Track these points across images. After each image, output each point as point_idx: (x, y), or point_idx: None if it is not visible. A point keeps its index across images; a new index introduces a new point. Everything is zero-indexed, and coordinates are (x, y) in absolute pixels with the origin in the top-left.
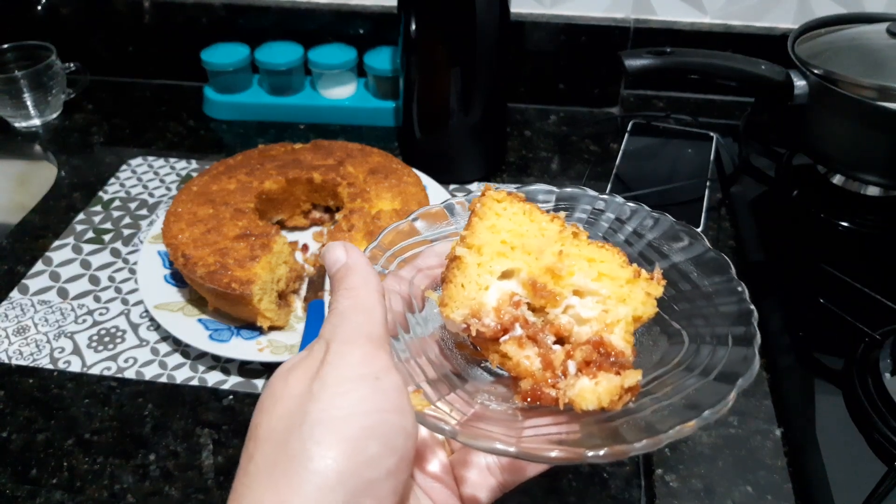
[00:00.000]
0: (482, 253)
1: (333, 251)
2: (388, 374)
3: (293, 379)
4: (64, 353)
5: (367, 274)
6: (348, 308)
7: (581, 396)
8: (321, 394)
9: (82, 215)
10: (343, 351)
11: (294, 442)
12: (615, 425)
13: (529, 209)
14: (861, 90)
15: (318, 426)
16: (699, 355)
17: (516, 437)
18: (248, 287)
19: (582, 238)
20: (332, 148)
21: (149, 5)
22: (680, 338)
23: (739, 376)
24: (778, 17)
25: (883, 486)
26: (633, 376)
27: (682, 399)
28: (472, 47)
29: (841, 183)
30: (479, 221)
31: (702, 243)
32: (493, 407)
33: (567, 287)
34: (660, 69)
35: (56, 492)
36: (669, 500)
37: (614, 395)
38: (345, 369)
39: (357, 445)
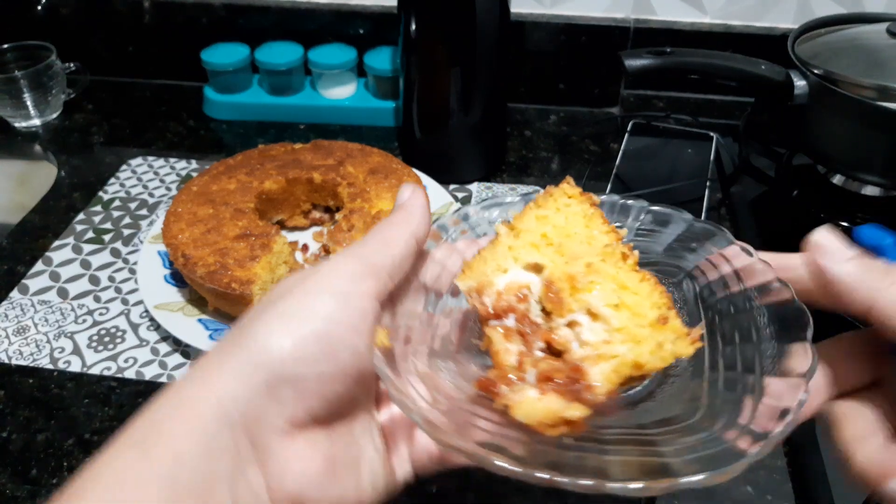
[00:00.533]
0: (519, 237)
1: (405, 189)
2: (361, 298)
3: (291, 277)
4: (64, 353)
5: (411, 216)
6: (374, 232)
7: (518, 405)
8: (295, 293)
9: (82, 215)
10: (337, 265)
11: (255, 324)
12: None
13: (592, 214)
14: (861, 90)
15: (276, 317)
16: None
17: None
18: (248, 287)
19: (629, 262)
20: (332, 148)
21: (149, 5)
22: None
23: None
24: (778, 17)
25: None
26: (578, 410)
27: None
28: (472, 47)
29: (841, 183)
30: (535, 208)
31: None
32: (445, 376)
33: (580, 302)
34: (660, 69)
35: (56, 492)
36: (669, 500)
37: (549, 419)
38: (325, 279)
39: (300, 342)
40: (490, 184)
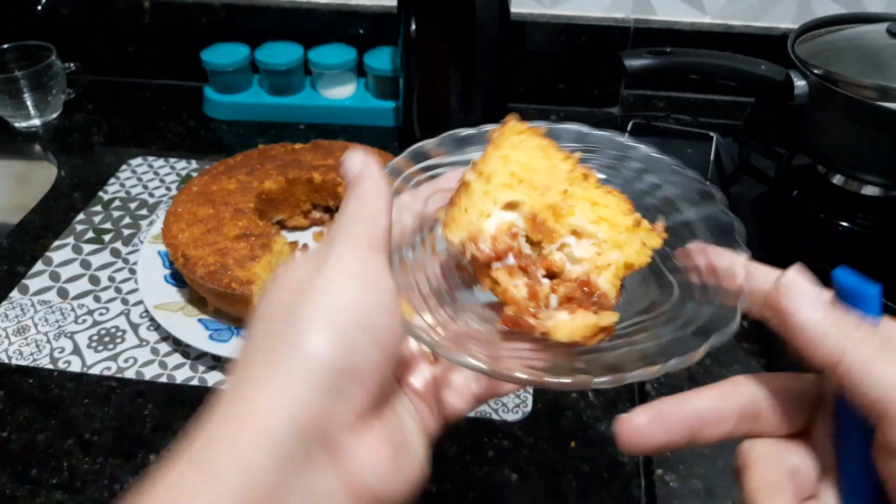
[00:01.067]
0: (490, 181)
1: (352, 157)
2: (383, 277)
3: (296, 270)
4: (64, 353)
5: (377, 182)
6: (354, 211)
7: (556, 328)
8: (319, 285)
9: (82, 215)
10: (344, 251)
11: (290, 326)
12: (585, 359)
13: (546, 145)
14: (861, 90)
15: (313, 314)
16: (683, 309)
17: (491, 356)
18: (248, 287)
19: (590, 181)
20: (332, 148)
21: (149, 5)
22: (671, 290)
23: (713, 333)
24: (778, 17)
25: None
26: (610, 317)
27: (654, 346)
28: (472, 47)
29: (841, 183)
30: (494, 150)
31: (717, 204)
32: (475, 326)
33: (566, 226)
34: (660, 69)
35: (56, 492)
36: (669, 500)
37: (588, 331)
38: (343, 267)
39: (346, 335)
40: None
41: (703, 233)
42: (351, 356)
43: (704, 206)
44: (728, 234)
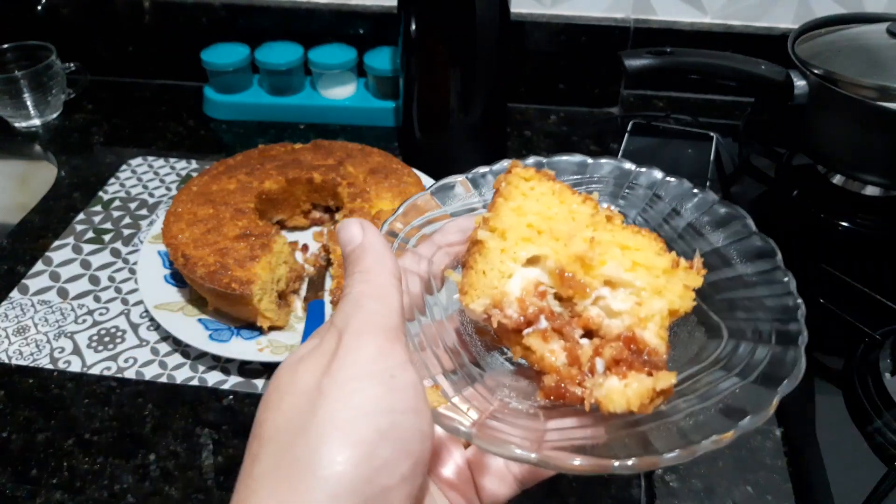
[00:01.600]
0: (506, 237)
1: (349, 228)
2: (404, 370)
3: (302, 372)
4: (64, 353)
5: (383, 256)
6: (362, 294)
7: (609, 398)
8: (331, 392)
9: (82, 215)
10: (356, 344)
11: (302, 444)
12: (644, 430)
13: (560, 189)
14: (861, 90)
15: (328, 428)
16: (738, 353)
17: (537, 440)
18: (248, 287)
19: (616, 222)
20: (332, 148)
21: (149, 5)
22: (719, 332)
23: (782, 380)
24: (778, 17)
25: (883, 486)
26: (667, 378)
27: (717, 403)
28: (472, 47)
29: (841, 183)
30: (504, 202)
31: (745, 225)
32: (514, 405)
33: (598, 277)
34: (660, 69)
35: (56, 492)
36: (669, 500)
37: (645, 397)
38: (357, 365)
39: (370, 450)
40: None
41: (737, 260)
42: (377, 475)
43: (732, 229)
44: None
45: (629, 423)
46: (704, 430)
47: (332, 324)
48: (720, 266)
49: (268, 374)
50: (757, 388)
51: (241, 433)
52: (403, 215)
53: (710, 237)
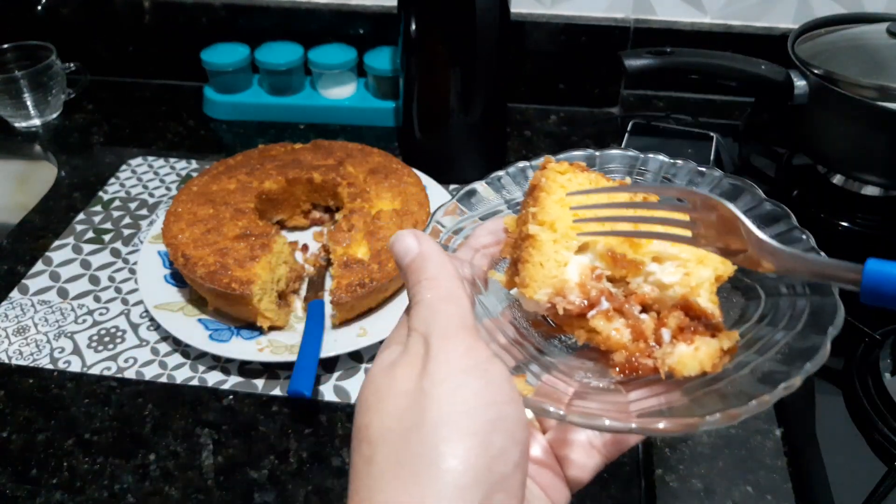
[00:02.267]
0: (556, 229)
1: (404, 240)
2: (494, 363)
3: (399, 376)
4: (64, 353)
5: (444, 261)
6: (435, 299)
7: (682, 363)
8: (435, 390)
9: (82, 215)
10: (444, 345)
11: (418, 441)
12: (717, 388)
13: (595, 178)
14: (861, 90)
15: (441, 424)
16: (779, 308)
17: (625, 411)
18: (248, 287)
19: (652, 200)
20: (332, 148)
21: (149, 5)
22: (755, 292)
23: (828, 324)
24: (778, 17)
25: (883, 486)
26: (731, 337)
27: (776, 354)
28: (472, 47)
29: (841, 183)
30: (547, 196)
31: (755, 194)
32: (594, 384)
33: (646, 254)
34: (660, 69)
35: (56, 492)
36: (669, 500)
37: (715, 358)
38: (452, 363)
39: (484, 440)
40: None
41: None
42: (494, 463)
43: (744, 199)
44: (780, 220)
45: (702, 383)
46: (773, 379)
47: (413, 329)
48: None
49: (268, 373)
50: (807, 336)
51: (240, 433)
52: (435, 224)
53: None
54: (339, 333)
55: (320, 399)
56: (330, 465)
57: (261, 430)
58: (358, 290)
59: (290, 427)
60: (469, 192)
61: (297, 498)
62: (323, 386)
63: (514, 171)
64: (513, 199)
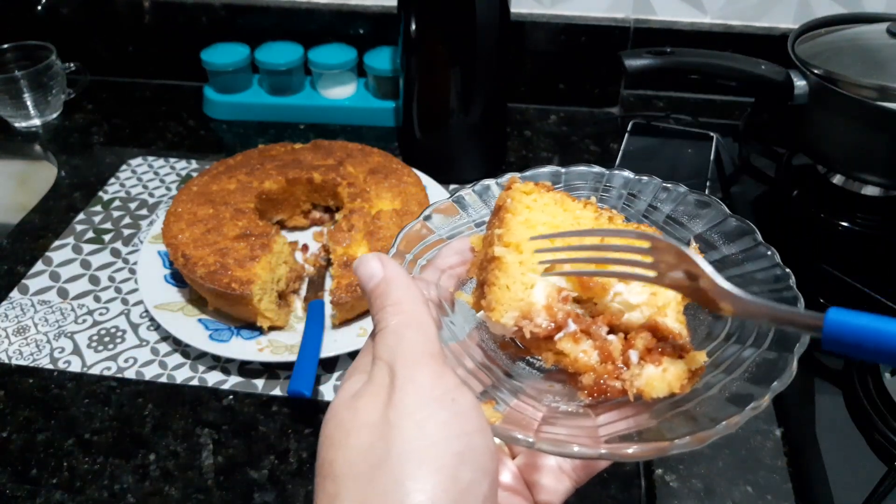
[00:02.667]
0: (521, 250)
1: (368, 264)
2: (461, 392)
3: (362, 408)
4: (64, 353)
5: (409, 286)
6: (400, 325)
7: (650, 385)
8: (401, 423)
9: (82, 215)
10: (410, 374)
11: (383, 477)
12: (687, 409)
13: (560, 198)
14: (861, 90)
15: (407, 458)
16: (746, 327)
17: (593, 436)
18: (248, 287)
19: (617, 222)
20: (332, 148)
21: (149, 5)
22: None
23: (794, 342)
24: (778, 17)
25: (883, 486)
26: (699, 358)
27: (744, 373)
28: (472, 47)
29: (841, 183)
30: (513, 217)
31: (720, 209)
32: (563, 408)
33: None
34: (660, 69)
35: (56, 492)
36: (669, 500)
37: (683, 379)
38: (418, 393)
39: (452, 474)
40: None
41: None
42: (462, 497)
43: (708, 215)
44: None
45: (671, 405)
46: (741, 399)
47: (377, 357)
48: (706, 249)
49: (268, 373)
50: (774, 354)
51: (240, 433)
52: (404, 244)
53: (690, 225)
54: (339, 333)
55: (320, 399)
56: None
57: (261, 430)
58: (358, 290)
59: (290, 427)
60: (436, 209)
61: (297, 498)
62: (323, 386)
63: (479, 188)
64: (479, 219)
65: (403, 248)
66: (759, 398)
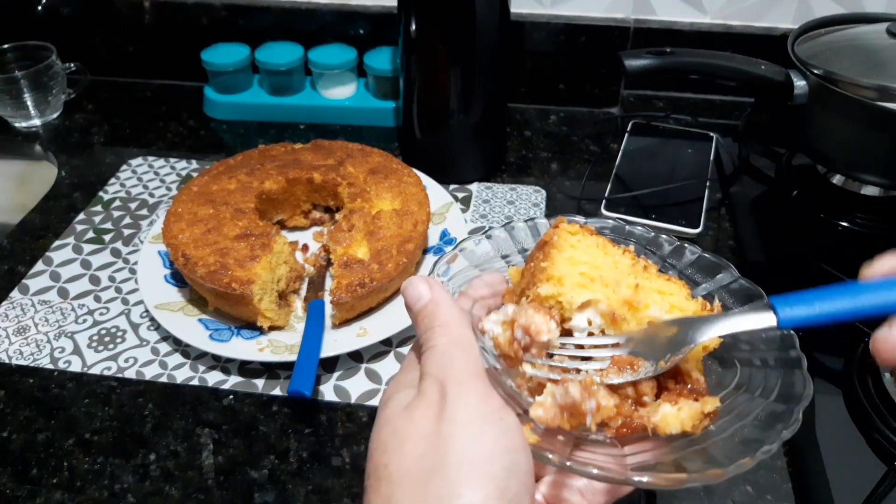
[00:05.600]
0: (563, 283)
1: (416, 287)
2: (507, 412)
3: (418, 418)
4: (64, 353)
5: (455, 309)
6: (449, 345)
7: (665, 421)
8: (455, 434)
9: (82, 215)
10: (460, 391)
11: (438, 483)
12: (705, 448)
13: (603, 242)
14: (861, 90)
15: (461, 467)
16: (754, 378)
17: (620, 464)
18: (248, 287)
19: (652, 271)
20: (332, 148)
21: (149, 5)
22: (731, 363)
23: (800, 396)
24: (778, 17)
25: (883, 486)
26: (713, 402)
27: (753, 420)
28: (472, 47)
29: (841, 183)
30: (558, 253)
31: (731, 272)
32: (591, 437)
33: (643, 319)
34: (660, 69)
35: (56, 492)
36: (669, 500)
37: (696, 419)
38: (469, 410)
39: (501, 485)
40: (490, 184)
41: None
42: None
43: (721, 276)
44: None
45: (689, 443)
46: (752, 443)
47: (427, 374)
48: None
49: (268, 373)
50: (780, 405)
51: (240, 433)
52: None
53: (703, 283)
54: (339, 333)
55: (320, 399)
56: (330, 465)
57: (261, 430)
58: (358, 290)
59: (290, 427)
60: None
61: (297, 498)
62: (323, 386)
63: (505, 228)
64: (505, 252)
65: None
66: (769, 443)
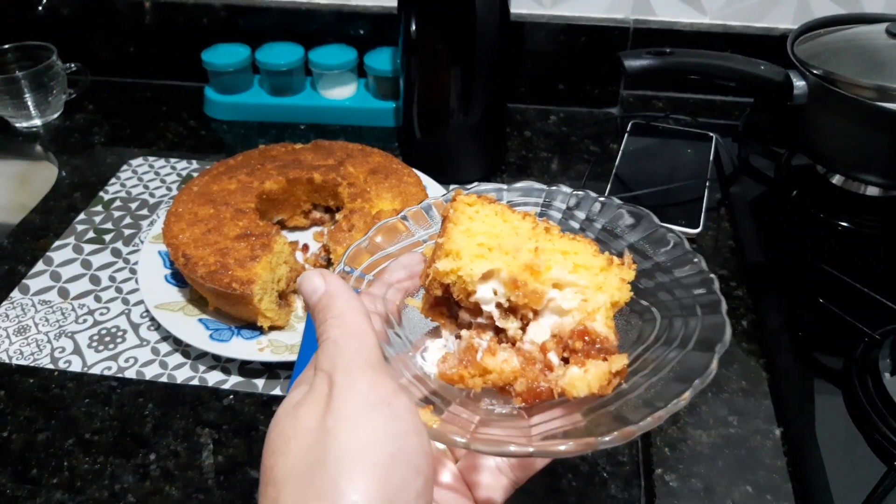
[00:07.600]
0: (461, 257)
1: (311, 280)
2: (397, 397)
3: (302, 416)
4: (64, 353)
5: (350, 299)
6: (341, 336)
7: (572, 384)
8: (337, 427)
9: (83, 215)
10: (348, 381)
11: (320, 478)
12: (615, 409)
13: (501, 209)
14: (861, 90)
15: (342, 459)
16: (673, 328)
17: (527, 436)
18: (248, 287)
19: (554, 232)
20: (332, 148)
21: (149, 6)
22: (650, 314)
23: (716, 343)
24: (777, 18)
25: (883, 486)
26: (620, 360)
27: (669, 372)
28: (472, 47)
29: (841, 183)
30: (454, 227)
31: (651, 220)
32: (498, 410)
33: (546, 282)
34: (659, 70)
35: (56, 492)
36: (669, 500)
37: (603, 380)
38: (355, 399)
39: (385, 473)
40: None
41: (651, 250)
42: (396, 495)
43: (640, 226)
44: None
45: (601, 404)
46: (665, 396)
47: (318, 368)
48: (638, 259)
49: (268, 373)
50: (698, 354)
51: (241, 433)
52: (350, 261)
53: (624, 237)
54: None
55: None
56: None
57: (261, 430)
58: None
59: None
60: (383, 227)
61: None
62: None
63: (424, 205)
64: (425, 236)
65: (352, 264)
66: (681, 395)
